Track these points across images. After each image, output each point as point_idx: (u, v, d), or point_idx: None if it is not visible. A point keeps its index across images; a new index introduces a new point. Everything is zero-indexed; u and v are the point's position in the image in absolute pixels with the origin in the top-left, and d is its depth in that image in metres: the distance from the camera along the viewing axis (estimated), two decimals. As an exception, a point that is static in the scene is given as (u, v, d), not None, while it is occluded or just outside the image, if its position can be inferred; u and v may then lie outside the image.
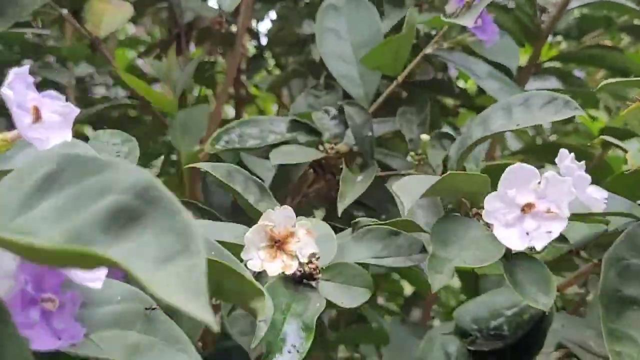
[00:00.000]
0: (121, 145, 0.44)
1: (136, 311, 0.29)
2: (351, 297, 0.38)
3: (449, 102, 0.87)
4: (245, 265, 0.37)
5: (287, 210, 0.38)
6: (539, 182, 0.35)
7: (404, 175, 0.55)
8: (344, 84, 0.66)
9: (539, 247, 0.34)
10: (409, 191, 0.35)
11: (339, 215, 0.50)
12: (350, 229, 0.45)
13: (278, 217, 0.38)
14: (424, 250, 0.41)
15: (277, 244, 0.37)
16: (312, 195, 0.70)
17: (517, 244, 0.35)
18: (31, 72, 0.99)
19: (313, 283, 0.38)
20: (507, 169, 0.35)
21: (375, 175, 0.56)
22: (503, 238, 0.35)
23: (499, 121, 0.45)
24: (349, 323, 0.95)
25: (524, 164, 0.35)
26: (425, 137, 0.53)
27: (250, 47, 1.05)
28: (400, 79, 0.64)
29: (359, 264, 0.39)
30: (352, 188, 0.53)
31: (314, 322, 0.35)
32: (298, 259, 0.37)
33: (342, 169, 0.59)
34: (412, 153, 0.55)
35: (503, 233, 0.35)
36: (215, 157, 0.76)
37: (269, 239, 0.37)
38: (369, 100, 0.66)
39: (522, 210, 0.35)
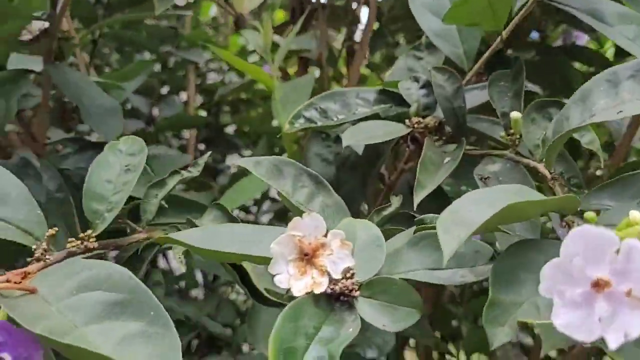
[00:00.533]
0: (137, 156, 0.42)
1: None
2: (395, 319, 0.32)
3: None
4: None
5: (317, 218, 0.33)
6: (617, 251, 0.25)
7: (497, 156, 0.46)
8: (439, 43, 0.58)
9: (612, 346, 0.24)
10: (454, 229, 0.27)
11: (414, 207, 0.44)
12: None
13: (308, 225, 0.33)
14: (493, 259, 0.34)
15: (307, 257, 0.33)
16: (408, 172, 0.63)
17: (585, 334, 0.25)
18: (168, 54, 1.01)
19: (351, 301, 0.33)
20: (574, 232, 0.25)
21: (463, 152, 0.48)
22: (564, 324, 0.25)
23: (601, 99, 0.35)
24: (472, 297, 0.89)
25: (598, 228, 0.25)
26: (516, 114, 0.44)
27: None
28: (505, 34, 0.55)
29: (406, 279, 0.33)
30: (432, 175, 0.46)
31: (339, 352, 0.30)
32: (329, 275, 0.32)
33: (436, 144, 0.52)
34: (502, 134, 0.46)
35: (565, 316, 0.25)
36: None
37: (298, 251, 0.33)
38: (470, 62, 0.57)
39: (594, 286, 0.25)
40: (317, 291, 0.32)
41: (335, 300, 0.33)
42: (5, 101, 0.56)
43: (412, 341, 0.96)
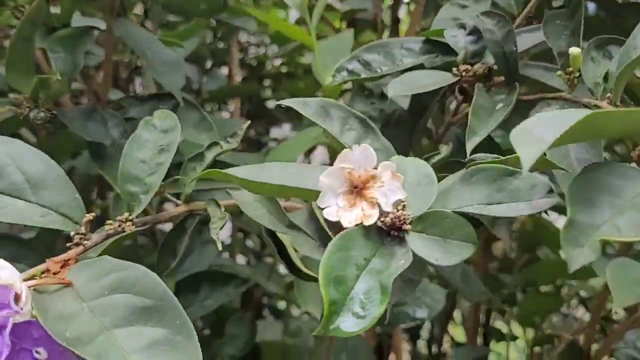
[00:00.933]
0: (170, 133, 0.42)
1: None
2: (447, 253, 0.31)
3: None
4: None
5: (367, 149, 0.32)
6: None
7: (553, 99, 0.44)
8: (485, -13, 0.56)
9: None
10: (531, 141, 0.25)
11: (467, 155, 0.42)
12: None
13: (357, 157, 0.32)
14: (551, 192, 0.32)
15: (357, 190, 0.32)
16: (457, 126, 0.62)
17: None
18: (219, 21, 1.00)
19: (402, 235, 0.32)
20: None
21: (517, 98, 0.46)
22: None
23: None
24: (523, 266, 0.86)
25: None
26: (575, 50, 0.41)
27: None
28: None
29: (460, 212, 0.32)
30: (486, 120, 0.44)
31: (391, 282, 0.29)
32: (380, 207, 0.32)
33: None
34: (559, 72, 0.44)
35: None
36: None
37: (348, 184, 0.32)
38: (519, 5, 0.55)
39: None
40: (367, 223, 0.31)
41: (386, 235, 0.32)
42: (72, 56, 0.56)
43: (458, 319, 0.94)
